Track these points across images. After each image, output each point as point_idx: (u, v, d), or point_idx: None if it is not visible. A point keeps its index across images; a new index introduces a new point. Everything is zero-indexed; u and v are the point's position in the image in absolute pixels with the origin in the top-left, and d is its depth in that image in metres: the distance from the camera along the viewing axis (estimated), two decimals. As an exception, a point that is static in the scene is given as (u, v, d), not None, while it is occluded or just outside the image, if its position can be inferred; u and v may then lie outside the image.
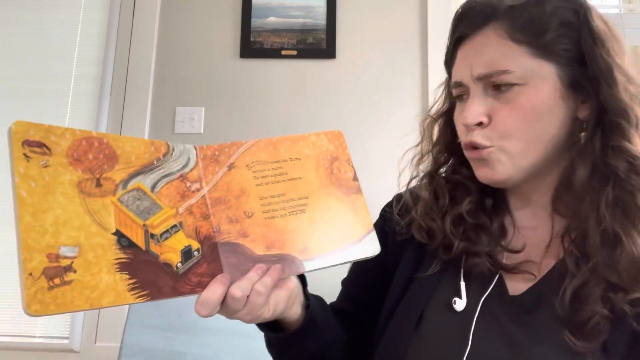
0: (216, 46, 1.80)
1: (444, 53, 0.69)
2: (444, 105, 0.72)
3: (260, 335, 0.66)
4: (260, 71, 1.78)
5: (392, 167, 0.76)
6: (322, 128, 0.61)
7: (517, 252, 0.62)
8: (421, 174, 0.73)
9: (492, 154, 0.60)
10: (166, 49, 1.82)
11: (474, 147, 0.61)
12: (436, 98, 0.74)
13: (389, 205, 0.76)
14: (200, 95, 1.77)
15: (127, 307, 1.22)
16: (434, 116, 0.73)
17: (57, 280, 0.44)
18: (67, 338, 1.65)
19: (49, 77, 1.83)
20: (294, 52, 1.77)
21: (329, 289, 0.78)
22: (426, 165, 0.73)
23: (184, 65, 1.80)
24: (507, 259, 0.63)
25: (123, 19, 1.83)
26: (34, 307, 0.42)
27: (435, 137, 0.72)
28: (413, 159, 0.74)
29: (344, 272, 0.78)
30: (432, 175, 0.71)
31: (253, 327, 0.63)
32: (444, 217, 0.66)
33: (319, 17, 1.78)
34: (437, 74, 1.67)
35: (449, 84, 0.71)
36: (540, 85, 0.58)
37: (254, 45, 1.78)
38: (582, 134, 0.60)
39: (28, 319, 1.67)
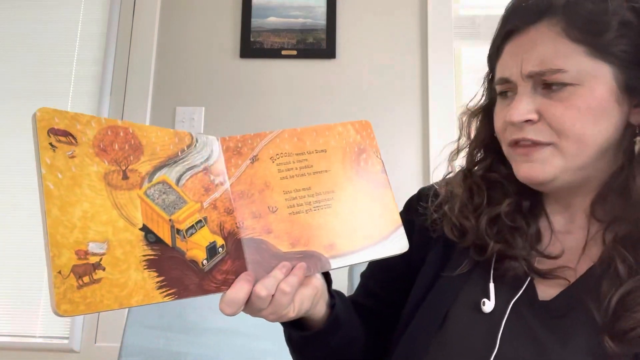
0: (216, 46, 1.80)
1: (444, 53, 0.67)
2: (482, 99, 0.70)
3: (260, 335, 0.66)
4: (260, 71, 1.78)
5: (391, 166, 0.75)
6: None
7: (554, 258, 0.60)
8: (457, 169, 0.71)
9: (541, 154, 0.58)
10: (166, 49, 1.81)
11: (519, 143, 0.59)
12: (476, 91, 0.71)
13: (418, 198, 0.74)
14: (200, 95, 1.77)
15: (127, 307, 1.22)
16: (472, 111, 0.70)
17: (86, 279, 0.42)
18: (67, 338, 1.64)
19: (49, 77, 1.82)
20: (294, 52, 1.77)
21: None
22: (461, 161, 0.71)
23: (184, 65, 1.80)
24: (541, 264, 0.61)
25: (123, 19, 1.83)
26: (63, 307, 0.40)
27: (473, 132, 0.70)
28: (451, 155, 0.71)
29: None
30: (468, 171, 0.68)
31: (253, 327, 0.63)
32: (478, 217, 0.64)
33: (319, 17, 1.78)
34: (437, 74, 1.67)
35: (490, 79, 0.69)
36: (596, 86, 0.56)
37: (254, 45, 1.78)
38: (637, 139, 0.58)
39: (28, 318, 1.67)
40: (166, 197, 0.49)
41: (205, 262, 0.49)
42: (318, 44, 1.76)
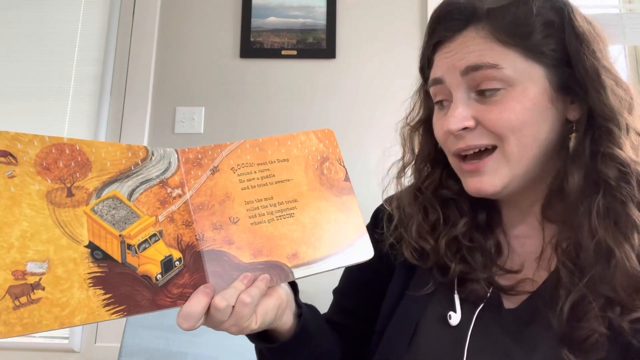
0: (216, 46, 1.80)
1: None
2: (420, 112, 0.69)
3: (260, 335, 0.66)
4: (260, 71, 1.78)
5: (393, 160, 0.74)
6: (322, 128, 0.58)
7: (515, 272, 0.60)
8: (405, 188, 0.69)
9: (488, 166, 0.57)
10: (166, 49, 1.81)
11: (464, 156, 0.58)
12: (411, 105, 0.70)
13: (374, 225, 0.72)
14: (200, 95, 1.77)
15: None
16: (412, 125, 0.69)
17: (23, 299, 0.41)
18: (67, 338, 1.65)
19: (49, 77, 1.82)
20: (294, 52, 1.77)
21: (316, 296, 0.76)
22: (410, 178, 0.69)
23: (184, 65, 1.80)
24: (503, 279, 0.60)
25: (123, 19, 1.83)
26: None
27: (416, 147, 0.69)
28: (398, 173, 0.70)
29: (336, 278, 0.76)
30: (417, 189, 0.67)
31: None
32: (437, 238, 0.63)
33: (319, 17, 1.78)
34: (437, 74, 1.67)
35: (425, 90, 0.67)
36: (529, 87, 0.55)
37: (254, 45, 1.78)
38: (572, 135, 0.58)
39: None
40: (116, 213, 0.48)
41: (159, 276, 0.48)
42: (318, 44, 1.76)
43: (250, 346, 1.19)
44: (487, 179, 0.57)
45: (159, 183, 0.51)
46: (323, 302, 0.74)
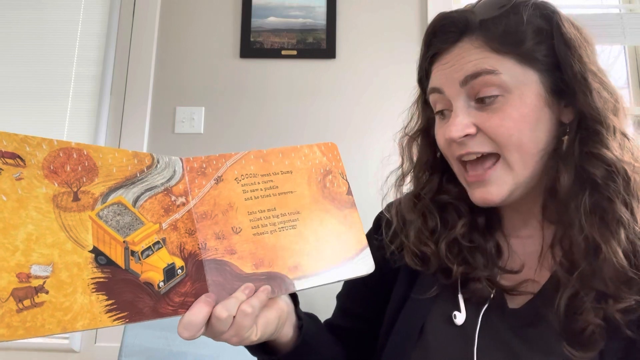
0: (216, 46, 1.80)
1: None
2: (419, 122, 0.70)
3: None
4: (260, 71, 1.78)
5: (392, 167, 0.74)
6: (322, 128, 0.58)
7: (516, 272, 0.61)
8: (404, 195, 0.70)
9: (492, 175, 0.58)
10: (166, 49, 1.81)
11: (469, 172, 0.59)
12: (409, 115, 0.72)
13: (373, 231, 0.73)
14: (200, 95, 1.77)
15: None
16: (411, 135, 0.71)
17: (27, 302, 0.41)
18: (67, 338, 1.65)
19: (49, 77, 1.82)
20: (294, 52, 1.77)
21: (320, 305, 0.76)
22: (409, 186, 0.71)
23: (184, 65, 1.80)
24: (504, 279, 0.61)
25: (123, 19, 1.83)
26: (0, 331, 0.39)
27: (415, 156, 0.70)
28: (396, 181, 0.71)
29: (338, 286, 0.76)
30: (416, 196, 0.68)
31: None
32: (437, 241, 0.64)
33: (319, 17, 1.78)
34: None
35: (423, 100, 0.69)
36: (525, 93, 0.57)
37: (254, 45, 1.78)
38: (565, 137, 0.59)
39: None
40: (121, 219, 0.48)
41: (161, 284, 0.48)
42: (318, 44, 1.76)
43: (250, 346, 1.18)
44: (493, 189, 0.58)
45: (164, 191, 0.52)
46: (321, 308, 0.74)
